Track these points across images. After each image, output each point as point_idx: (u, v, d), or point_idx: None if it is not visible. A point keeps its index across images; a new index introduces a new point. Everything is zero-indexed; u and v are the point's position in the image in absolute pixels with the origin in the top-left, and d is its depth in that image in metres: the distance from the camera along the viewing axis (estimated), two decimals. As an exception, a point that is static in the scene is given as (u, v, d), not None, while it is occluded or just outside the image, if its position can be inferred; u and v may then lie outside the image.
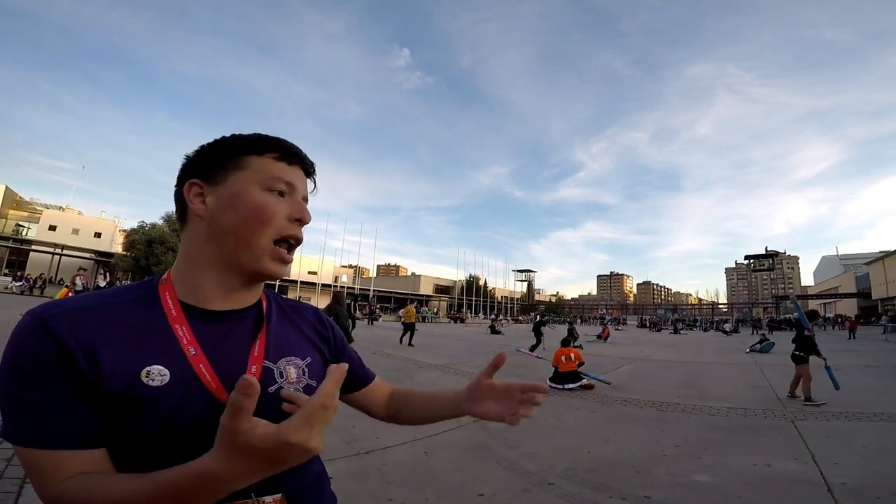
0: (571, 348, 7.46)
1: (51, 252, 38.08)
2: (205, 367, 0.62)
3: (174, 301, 0.66)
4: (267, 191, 0.68)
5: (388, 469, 3.18)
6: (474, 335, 21.95)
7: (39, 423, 0.55)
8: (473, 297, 63.46)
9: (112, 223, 46.80)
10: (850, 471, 3.43)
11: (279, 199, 0.68)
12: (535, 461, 3.50)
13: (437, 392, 0.90)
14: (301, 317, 0.83)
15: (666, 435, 4.40)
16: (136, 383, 0.58)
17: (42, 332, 0.57)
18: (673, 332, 32.78)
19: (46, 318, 0.57)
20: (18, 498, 2.31)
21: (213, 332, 0.66)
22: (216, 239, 0.67)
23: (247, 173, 0.68)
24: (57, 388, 0.55)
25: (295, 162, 0.72)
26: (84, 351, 0.57)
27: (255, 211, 0.66)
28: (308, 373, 0.74)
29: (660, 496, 2.90)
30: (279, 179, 0.68)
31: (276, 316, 0.77)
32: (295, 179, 0.71)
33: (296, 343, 0.76)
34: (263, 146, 0.70)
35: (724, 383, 8.15)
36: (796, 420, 5.10)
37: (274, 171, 0.69)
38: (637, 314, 71.60)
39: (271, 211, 0.67)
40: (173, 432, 0.59)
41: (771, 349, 15.10)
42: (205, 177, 0.68)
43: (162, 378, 0.59)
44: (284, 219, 0.68)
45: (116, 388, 0.57)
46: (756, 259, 64.84)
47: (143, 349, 0.60)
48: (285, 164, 0.70)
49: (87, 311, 0.61)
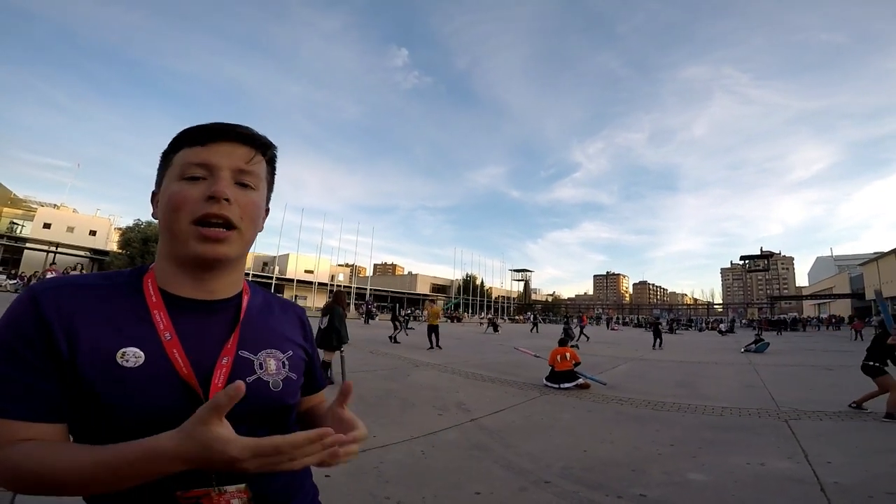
0: (567, 348, 7.48)
1: (45, 250, 37.80)
2: (178, 353, 0.65)
3: (155, 289, 0.69)
4: (182, 180, 0.69)
5: (385, 468, 3.18)
6: (471, 334, 21.97)
7: (6, 394, 0.58)
8: (470, 297, 63.45)
9: (107, 221, 46.48)
10: (843, 470, 3.46)
11: (194, 183, 0.68)
12: (531, 460, 3.51)
13: (321, 414, 0.86)
14: (288, 314, 0.86)
15: (661, 434, 4.43)
16: (111, 363, 0.61)
17: (30, 306, 0.62)
18: (669, 332, 32.87)
19: (38, 293, 0.63)
20: (15, 497, 2.30)
21: (189, 321, 0.69)
22: (161, 234, 0.72)
23: (171, 171, 0.71)
24: (30, 360, 0.59)
25: (209, 140, 0.70)
26: (63, 326, 0.61)
27: (169, 202, 0.68)
28: (288, 366, 0.76)
29: (655, 494, 2.92)
30: (191, 164, 0.69)
31: (262, 310, 0.80)
32: (212, 158, 0.69)
33: (279, 337, 0.79)
34: (179, 140, 0.72)
35: (719, 383, 8.19)
36: (790, 420, 5.14)
37: (187, 158, 0.69)
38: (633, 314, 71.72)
39: (181, 197, 0.68)
40: (140, 412, 0.60)
41: (766, 349, 15.19)
42: (157, 185, 0.75)
43: (136, 360, 0.62)
44: (199, 201, 0.67)
45: (92, 365, 0.60)
46: (751, 259, 65.13)
47: (122, 331, 0.64)
48: (199, 147, 0.70)
49: (77, 288, 0.66)
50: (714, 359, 12.97)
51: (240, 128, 0.73)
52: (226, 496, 0.62)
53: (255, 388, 0.68)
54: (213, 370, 0.66)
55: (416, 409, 5.07)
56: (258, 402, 0.69)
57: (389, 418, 4.47)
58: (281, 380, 0.73)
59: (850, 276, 56.51)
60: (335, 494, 2.70)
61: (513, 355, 11.05)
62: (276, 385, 0.72)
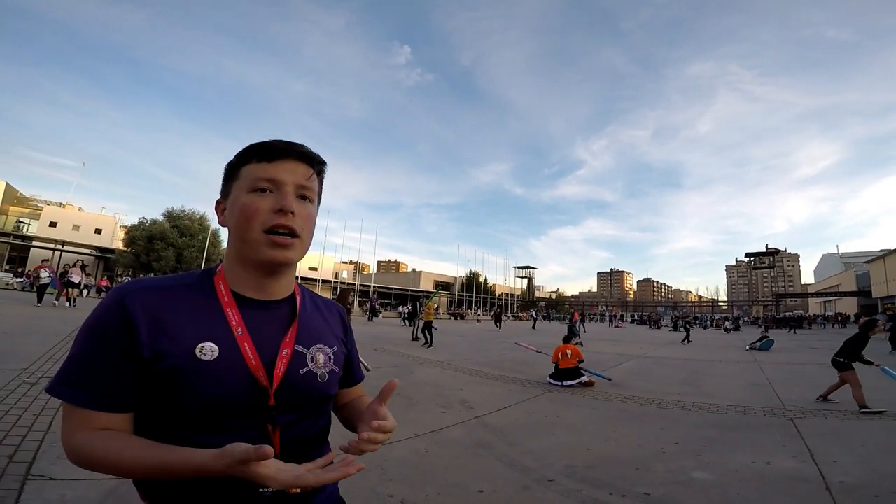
0: (570, 345, 7.47)
1: (51, 248, 38.06)
2: (248, 346, 0.75)
3: (227, 289, 0.80)
4: (252, 192, 0.78)
5: (388, 465, 3.19)
6: (474, 331, 21.96)
7: (86, 385, 0.68)
8: (474, 294, 63.42)
9: (113, 219, 46.71)
10: (849, 469, 3.44)
11: (263, 196, 0.78)
12: (534, 458, 3.51)
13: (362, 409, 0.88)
14: (330, 311, 0.98)
15: (665, 432, 4.42)
16: (191, 356, 0.70)
17: (118, 305, 0.71)
18: (673, 330, 32.75)
19: (125, 294, 0.73)
20: (20, 496, 2.32)
21: (255, 317, 0.80)
22: (232, 241, 0.82)
23: (239, 182, 0.80)
24: (113, 358, 0.69)
25: (275, 158, 0.80)
26: (148, 325, 0.70)
27: (242, 211, 0.78)
28: (333, 360, 0.87)
29: (659, 493, 2.91)
30: (260, 179, 0.78)
31: (310, 308, 0.92)
32: (278, 174, 0.79)
33: (325, 333, 0.90)
34: (248, 155, 0.81)
35: (724, 381, 8.16)
36: (795, 418, 5.11)
37: (256, 172, 0.79)
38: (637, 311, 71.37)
39: (253, 208, 0.77)
40: (212, 400, 0.70)
41: (770, 347, 15.12)
42: (223, 194, 0.85)
43: (213, 353, 0.72)
44: (269, 212, 0.77)
45: (173, 359, 0.70)
46: (756, 257, 64.69)
47: (199, 327, 0.74)
48: (266, 163, 0.79)
49: (159, 290, 0.76)
50: (719, 357, 12.91)
51: (300, 147, 0.83)
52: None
53: (307, 379, 0.81)
54: (276, 361, 0.77)
55: (419, 406, 5.07)
56: (309, 391, 0.81)
57: (393, 416, 4.48)
58: (327, 372, 0.85)
59: (856, 273, 56.10)
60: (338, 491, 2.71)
61: (516, 353, 11.04)
62: (323, 377, 0.84)
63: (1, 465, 2.59)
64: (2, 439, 2.95)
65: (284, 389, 0.76)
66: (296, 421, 0.79)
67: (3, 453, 2.75)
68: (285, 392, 0.76)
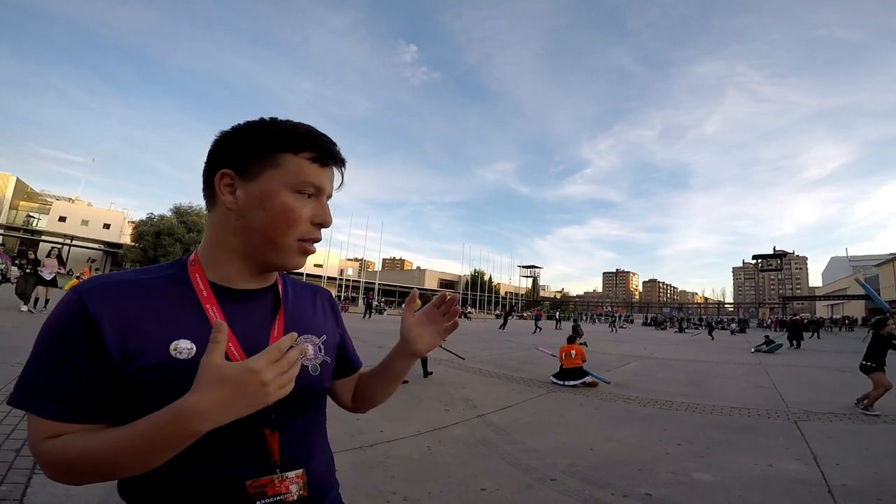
0: (574, 345, 7.46)
1: (60, 243, 38.43)
2: (232, 344, 0.67)
3: (204, 281, 0.70)
4: (296, 193, 0.70)
5: (391, 463, 3.22)
6: (478, 330, 21.95)
7: (52, 394, 0.59)
8: (478, 293, 63.40)
9: (121, 215, 47.16)
10: (852, 472, 3.43)
11: (306, 201, 0.71)
12: (537, 457, 3.53)
13: (383, 360, 0.91)
14: (316, 298, 0.89)
15: (668, 433, 4.42)
16: (165, 355, 0.62)
17: (77, 304, 0.61)
18: (678, 332, 32.63)
19: (84, 291, 0.63)
20: (27, 489, 2.35)
21: (237, 309, 0.71)
22: (244, 233, 0.70)
23: (279, 173, 0.69)
24: (72, 361, 0.59)
25: (328, 163, 0.73)
26: (113, 323, 0.61)
27: (283, 214, 0.69)
28: (324, 350, 0.80)
29: (661, 494, 2.92)
30: (309, 183, 0.70)
31: (294, 296, 0.83)
32: (324, 182, 0.72)
33: (313, 321, 0.82)
34: (299, 145, 0.70)
35: (728, 383, 8.12)
36: (799, 421, 5.10)
37: (306, 173, 0.70)
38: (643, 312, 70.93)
39: (297, 215, 0.69)
40: None
41: (777, 350, 15.01)
42: (237, 168, 0.69)
43: (188, 352, 0.63)
44: (308, 222, 0.71)
45: (145, 359, 0.61)
46: (764, 259, 64.21)
47: (173, 324, 0.65)
48: (318, 166, 0.71)
49: (125, 284, 0.65)
50: (724, 358, 12.84)
51: (341, 155, 0.76)
52: (286, 482, 0.67)
53: (299, 373, 0.70)
54: None
55: (422, 404, 5.10)
56: (301, 386, 0.70)
57: (396, 413, 4.51)
58: (319, 364, 0.77)
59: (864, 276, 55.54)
60: (342, 489, 2.73)
61: (520, 351, 11.05)
62: (315, 369, 0.76)
63: (8, 458, 2.63)
64: (9, 433, 2.99)
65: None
66: (289, 420, 0.71)
67: (9, 447, 2.79)
68: None
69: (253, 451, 0.67)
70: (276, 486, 0.66)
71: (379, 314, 29.75)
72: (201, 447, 0.59)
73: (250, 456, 0.66)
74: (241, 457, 0.66)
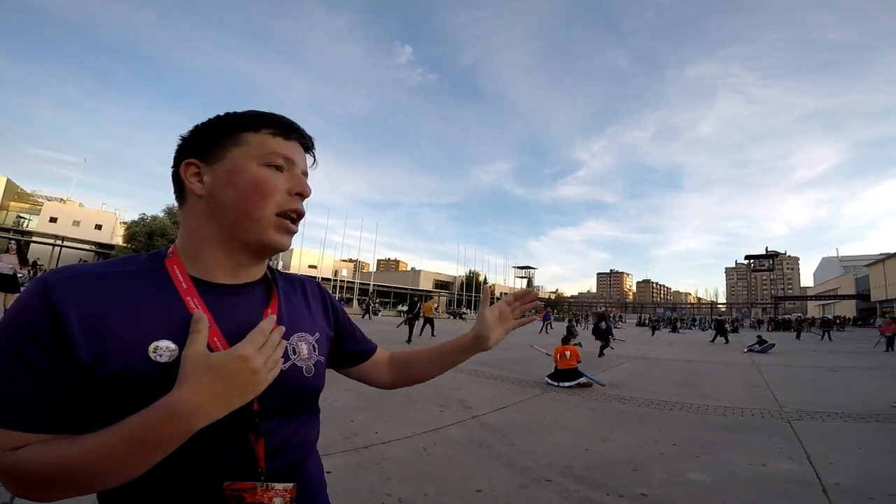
0: (569, 346, 7.48)
1: (51, 244, 38.05)
2: (219, 341, 0.62)
3: (184, 274, 0.65)
4: (265, 166, 0.67)
5: (386, 464, 3.20)
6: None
7: (13, 402, 0.52)
8: (473, 293, 63.45)
9: (113, 215, 46.72)
10: (845, 471, 3.45)
11: (277, 173, 0.68)
12: (533, 458, 3.52)
13: (444, 345, 0.95)
14: (306, 291, 0.84)
15: (663, 433, 4.43)
16: (143, 358, 0.56)
17: (41, 298, 0.54)
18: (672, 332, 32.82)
19: (50, 284, 0.56)
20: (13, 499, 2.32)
21: (222, 306, 0.66)
22: (217, 215, 0.66)
23: (244, 149, 0.67)
24: (36, 362, 0.52)
25: (292, 136, 0.72)
26: (82, 321, 0.54)
27: (255, 185, 0.66)
28: (317, 349, 0.75)
29: (656, 494, 2.92)
30: (277, 154, 0.68)
31: (286, 291, 0.78)
32: (293, 154, 0.71)
33: (305, 318, 0.77)
34: (260, 122, 0.69)
35: (722, 383, 8.16)
36: (792, 420, 5.12)
37: (271, 146, 0.68)
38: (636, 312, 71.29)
39: (271, 185, 0.67)
40: None
41: (770, 350, 15.12)
42: (201, 156, 0.68)
43: (170, 354, 0.57)
44: (284, 193, 0.69)
45: (119, 363, 0.55)
46: (756, 259, 64.78)
47: (152, 321, 0.59)
48: (282, 139, 0.70)
49: (97, 277, 0.59)
50: (717, 358, 12.93)
51: (305, 132, 0.75)
52: (270, 493, 0.60)
53: (291, 375, 0.68)
54: None
55: (417, 405, 5.08)
56: (295, 388, 0.69)
57: (391, 415, 4.49)
58: (312, 364, 0.73)
59: (855, 276, 56.18)
60: (337, 490, 2.71)
61: (514, 352, 11.04)
62: (309, 370, 0.72)
63: None
64: None
65: (268, 390, 0.61)
66: (280, 426, 0.66)
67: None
68: (269, 393, 0.62)
69: (237, 455, 0.61)
70: (258, 495, 0.59)
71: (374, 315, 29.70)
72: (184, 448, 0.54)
73: (234, 459, 0.61)
74: (222, 460, 0.60)
